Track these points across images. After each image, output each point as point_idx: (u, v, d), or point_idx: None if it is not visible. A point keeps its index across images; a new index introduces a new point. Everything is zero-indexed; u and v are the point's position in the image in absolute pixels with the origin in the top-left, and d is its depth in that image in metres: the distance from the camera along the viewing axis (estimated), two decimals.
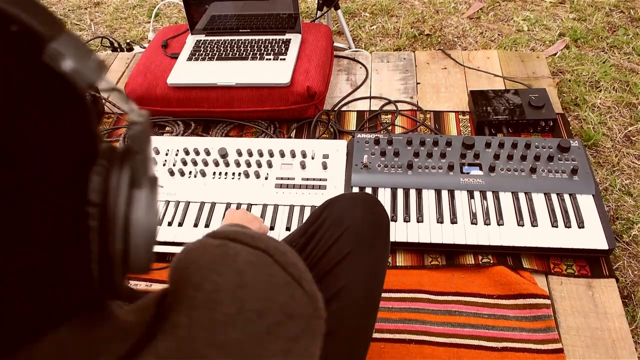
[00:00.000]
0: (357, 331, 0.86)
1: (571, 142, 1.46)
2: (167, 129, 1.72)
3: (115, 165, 0.38)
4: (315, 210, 0.97)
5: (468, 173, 1.42)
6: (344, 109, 1.75)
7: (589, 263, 1.31)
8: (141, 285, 1.32)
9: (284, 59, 1.68)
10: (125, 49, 2.26)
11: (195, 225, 1.38)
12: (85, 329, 0.41)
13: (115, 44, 2.26)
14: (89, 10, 2.73)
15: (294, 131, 1.67)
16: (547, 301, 1.23)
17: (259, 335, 0.44)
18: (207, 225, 1.38)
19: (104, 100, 1.80)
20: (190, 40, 1.81)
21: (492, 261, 1.31)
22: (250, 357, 0.44)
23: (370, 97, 1.77)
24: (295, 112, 1.65)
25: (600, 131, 1.82)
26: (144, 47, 2.28)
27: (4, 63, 0.32)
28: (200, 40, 1.79)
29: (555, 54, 2.13)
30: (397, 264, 1.33)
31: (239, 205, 1.41)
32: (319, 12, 1.98)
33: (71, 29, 0.33)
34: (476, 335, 1.20)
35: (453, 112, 1.71)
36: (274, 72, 1.64)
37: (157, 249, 1.35)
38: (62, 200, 0.35)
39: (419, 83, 1.82)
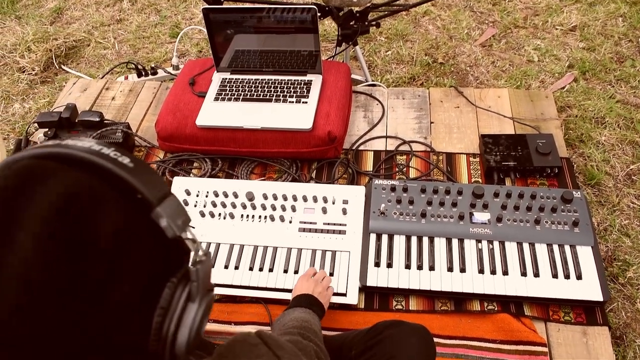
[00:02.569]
0: None
1: (574, 193, 1.57)
2: (195, 164, 1.84)
3: (179, 285, 0.55)
4: (379, 324, 1.15)
5: (477, 222, 1.53)
6: (361, 148, 1.86)
7: (585, 311, 1.43)
8: None
9: (306, 102, 1.78)
10: (150, 73, 2.37)
11: (226, 267, 1.51)
12: None
13: (140, 67, 2.36)
14: (111, 27, 2.82)
15: (315, 171, 1.79)
16: (545, 349, 1.36)
17: None
18: (236, 267, 1.51)
19: (135, 136, 1.91)
20: (216, 78, 1.91)
21: (496, 308, 1.43)
22: None
23: (386, 137, 1.88)
24: (316, 154, 1.77)
25: (603, 169, 1.93)
26: (168, 72, 2.39)
27: (133, 216, 0.51)
28: (226, 78, 1.90)
29: (564, 88, 2.22)
30: (410, 308, 1.46)
31: (265, 249, 1.54)
32: (338, 48, 2.08)
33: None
34: None
35: (464, 154, 1.81)
36: (296, 116, 1.75)
37: None
38: (147, 300, 0.53)
39: (432, 122, 1.92)
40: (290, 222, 1.58)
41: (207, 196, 1.64)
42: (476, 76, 2.34)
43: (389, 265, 1.48)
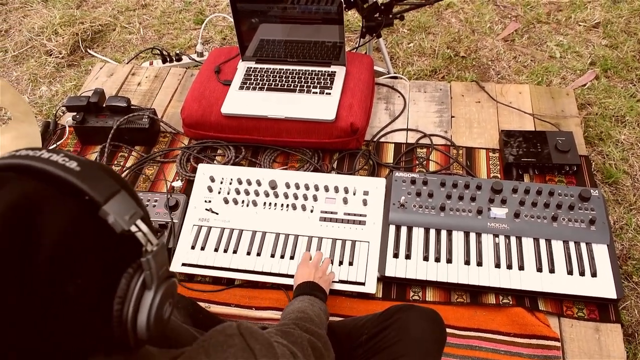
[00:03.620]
0: None
1: (592, 191, 1.59)
2: (219, 152, 1.88)
3: (135, 275, 0.59)
4: (391, 308, 1.17)
5: (495, 217, 1.56)
6: (382, 140, 1.89)
7: (598, 308, 1.46)
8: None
9: (330, 94, 1.81)
10: (174, 60, 2.41)
11: (248, 253, 1.56)
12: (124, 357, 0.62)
13: (165, 54, 2.40)
14: (137, 12, 2.86)
15: (336, 162, 1.83)
16: (558, 343, 1.39)
17: None
18: (258, 254, 1.55)
19: (160, 122, 1.96)
20: (242, 67, 1.95)
21: (511, 302, 1.47)
22: None
23: (407, 130, 1.91)
24: (338, 145, 1.80)
25: (622, 168, 1.94)
26: (192, 58, 2.43)
27: (79, 217, 0.55)
28: (251, 67, 1.93)
29: (585, 85, 2.23)
30: (427, 299, 1.50)
31: (287, 237, 1.58)
32: (361, 40, 2.10)
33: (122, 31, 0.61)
34: None
35: (484, 149, 1.84)
36: (320, 107, 1.78)
37: (216, 273, 1.54)
38: (102, 295, 0.58)
39: (453, 117, 1.95)
40: (312, 211, 1.62)
41: (231, 183, 1.69)
42: (497, 71, 2.35)
43: (408, 256, 1.52)
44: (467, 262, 1.50)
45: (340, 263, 1.52)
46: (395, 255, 1.52)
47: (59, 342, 0.55)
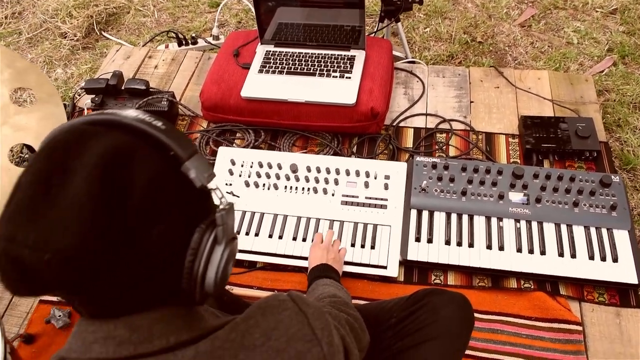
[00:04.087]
0: None
1: (612, 177, 1.59)
2: (237, 135, 1.88)
3: (208, 229, 0.64)
4: (420, 291, 1.18)
5: (516, 202, 1.57)
6: (401, 124, 1.89)
7: (619, 293, 1.47)
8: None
9: (349, 77, 1.81)
10: (190, 43, 2.40)
11: (270, 236, 1.57)
12: (176, 314, 0.66)
13: (181, 37, 2.39)
14: None
15: (356, 146, 1.83)
16: (579, 327, 1.41)
17: None
18: (280, 237, 1.56)
19: (179, 104, 1.96)
20: (260, 50, 1.94)
21: (532, 286, 1.48)
22: None
23: (426, 114, 1.91)
24: (358, 129, 1.80)
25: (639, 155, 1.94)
26: (208, 42, 2.42)
27: (164, 170, 0.60)
28: (270, 51, 1.93)
29: (602, 72, 2.22)
30: (448, 283, 1.51)
31: (308, 220, 1.58)
32: (380, 24, 2.09)
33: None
34: (515, 353, 1.39)
35: (503, 134, 1.84)
36: (340, 91, 1.78)
37: (238, 256, 1.53)
38: (179, 246, 0.63)
39: (472, 102, 1.94)
40: (333, 195, 1.62)
41: (251, 166, 1.69)
42: (514, 56, 2.34)
43: (430, 240, 1.53)
44: (489, 247, 1.51)
45: (362, 246, 1.53)
46: (417, 239, 1.53)
47: (136, 283, 0.60)
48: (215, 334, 0.66)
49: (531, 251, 1.49)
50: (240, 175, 1.68)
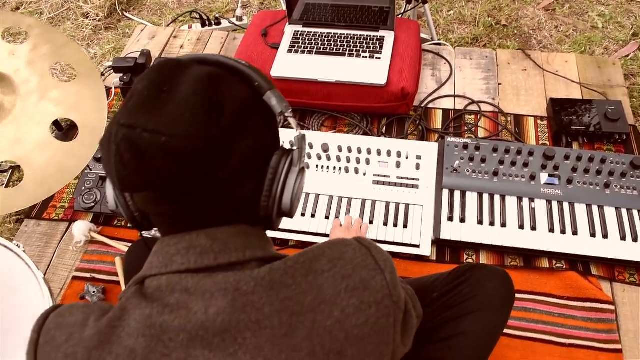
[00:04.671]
0: None
1: None
2: None
3: (285, 153, 0.72)
4: (461, 267, 1.19)
5: (548, 183, 1.57)
6: (430, 106, 1.89)
7: None
8: None
9: (379, 58, 1.81)
10: (213, 23, 2.40)
11: (303, 215, 1.58)
12: (251, 232, 0.71)
13: (204, 17, 2.39)
14: None
15: (385, 127, 1.83)
16: (612, 307, 1.42)
17: (338, 289, 0.68)
18: (313, 216, 1.57)
19: None
20: (289, 30, 1.94)
21: (564, 266, 1.49)
22: (327, 299, 0.67)
23: (455, 96, 1.91)
24: (387, 109, 1.81)
25: None
26: (232, 22, 2.42)
27: (249, 96, 0.68)
28: (298, 31, 1.93)
29: (628, 56, 2.21)
30: (481, 262, 1.52)
31: (340, 199, 1.60)
32: (407, 5, 2.08)
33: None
34: (548, 332, 1.40)
35: (532, 116, 1.84)
36: (370, 71, 1.78)
37: (270, 234, 1.55)
38: (261, 163, 0.70)
39: (500, 84, 1.94)
40: (365, 174, 1.63)
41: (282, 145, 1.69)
42: (539, 40, 2.33)
43: (462, 220, 1.54)
44: (521, 227, 1.52)
45: (395, 225, 1.54)
46: (450, 219, 1.54)
47: (222, 193, 0.66)
48: (285, 257, 0.70)
49: (563, 231, 1.50)
50: None
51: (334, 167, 1.65)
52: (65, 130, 1.95)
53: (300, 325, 0.65)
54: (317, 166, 1.66)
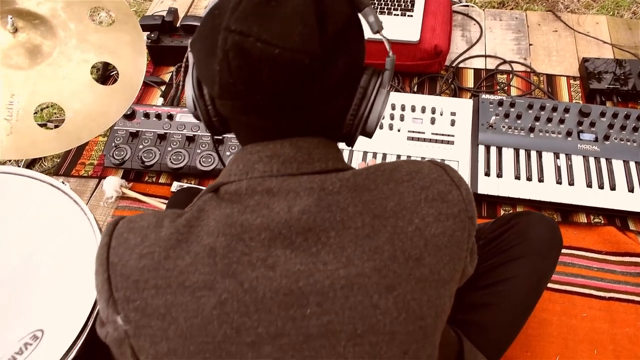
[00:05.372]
0: (514, 309, 1.09)
1: None
2: None
3: (374, 73, 0.71)
4: (506, 214, 1.18)
5: (584, 140, 1.56)
6: (461, 65, 1.87)
7: None
8: None
9: (411, 16, 1.79)
10: None
11: None
12: (333, 146, 0.72)
13: None
14: None
15: (416, 86, 1.81)
16: None
17: (418, 198, 0.68)
18: None
19: None
20: None
21: (602, 221, 1.48)
22: (408, 206, 0.67)
23: (486, 56, 1.89)
24: (420, 67, 1.79)
25: None
26: None
27: (352, 12, 0.67)
28: None
29: None
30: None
31: (375, 155, 1.58)
32: None
33: None
34: (587, 285, 1.40)
35: (564, 76, 1.82)
36: (403, 29, 1.75)
37: None
38: (353, 81, 0.70)
39: (531, 44, 1.92)
40: (399, 130, 1.62)
41: None
42: (566, 4, 2.30)
43: (499, 175, 1.52)
44: (559, 182, 1.50)
45: None
46: (487, 174, 1.53)
47: (317, 105, 0.66)
48: (366, 167, 0.71)
49: (601, 186, 1.49)
50: None
51: None
52: (105, 75, 1.93)
53: (383, 228, 0.65)
54: None
